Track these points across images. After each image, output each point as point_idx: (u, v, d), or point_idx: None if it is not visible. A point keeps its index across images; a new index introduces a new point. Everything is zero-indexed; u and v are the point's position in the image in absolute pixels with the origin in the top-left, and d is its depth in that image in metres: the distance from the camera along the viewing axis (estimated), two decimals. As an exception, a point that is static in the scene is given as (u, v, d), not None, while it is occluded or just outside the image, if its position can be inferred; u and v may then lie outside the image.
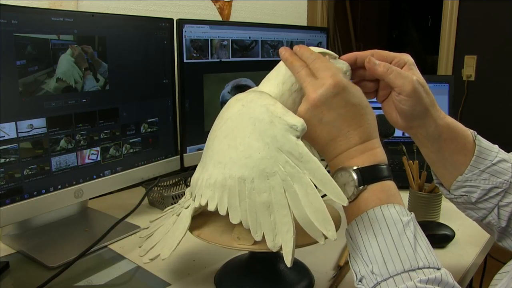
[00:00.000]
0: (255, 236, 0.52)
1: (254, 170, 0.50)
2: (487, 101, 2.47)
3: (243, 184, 0.51)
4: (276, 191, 0.50)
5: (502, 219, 0.59)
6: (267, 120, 0.51)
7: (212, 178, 0.55)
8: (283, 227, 0.50)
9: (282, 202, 0.49)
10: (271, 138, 0.50)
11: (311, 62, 0.53)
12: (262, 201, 0.50)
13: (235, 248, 0.58)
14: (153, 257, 0.63)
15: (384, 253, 0.45)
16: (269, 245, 0.51)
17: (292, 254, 0.49)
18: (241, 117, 0.54)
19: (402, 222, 0.47)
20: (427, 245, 0.47)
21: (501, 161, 0.59)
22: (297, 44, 0.57)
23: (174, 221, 0.64)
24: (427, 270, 0.44)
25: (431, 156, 0.61)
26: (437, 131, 0.58)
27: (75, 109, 0.80)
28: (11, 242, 0.82)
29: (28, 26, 0.71)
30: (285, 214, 0.49)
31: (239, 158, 0.52)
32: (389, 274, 0.44)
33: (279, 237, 0.50)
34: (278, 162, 0.49)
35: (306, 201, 0.48)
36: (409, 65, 0.56)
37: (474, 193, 0.59)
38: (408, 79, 0.54)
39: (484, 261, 1.01)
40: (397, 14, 4.30)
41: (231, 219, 0.53)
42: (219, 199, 0.54)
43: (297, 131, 0.49)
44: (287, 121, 0.49)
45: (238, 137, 0.53)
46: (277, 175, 0.49)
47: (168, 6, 1.29)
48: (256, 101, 0.54)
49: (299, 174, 0.48)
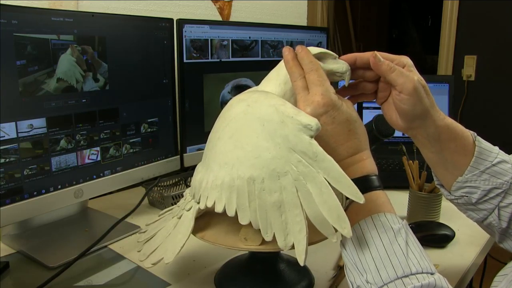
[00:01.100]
0: (265, 237, 0.52)
1: (264, 170, 0.50)
2: (487, 101, 2.47)
3: (253, 184, 0.51)
4: (287, 190, 0.50)
5: (502, 220, 0.59)
6: (277, 120, 0.51)
7: (219, 179, 0.54)
8: (295, 226, 0.50)
9: (294, 201, 0.49)
10: (282, 138, 0.50)
11: (308, 72, 0.54)
12: (272, 201, 0.50)
13: (242, 249, 0.58)
14: (155, 262, 0.62)
15: (377, 262, 0.46)
16: (280, 244, 0.51)
17: (306, 253, 0.49)
18: (246, 117, 0.53)
19: (393, 230, 0.47)
20: (419, 250, 0.47)
21: (501, 162, 0.59)
22: (297, 44, 0.57)
23: (175, 224, 0.63)
24: (421, 276, 0.44)
25: (432, 157, 0.61)
26: (437, 132, 0.58)
27: (75, 109, 0.80)
28: (11, 242, 0.82)
29: (28, 26, 0.71)
30: (297, 214, 0.50)
31: (248, 159, 0.51)
32: (383, 282, 0.45)
33: (290, 236, 0.50)
34: (290, 162, 0.49)
35: (321, 200, 0.48)
36: (409, 67, 0.57)
37: (474, 194, 0.59)
38: (410, 78, 0.55)
39: (484, 261, 1.01)
40: (397, 14, 4.30)
41: (240, 220, 0.53)
42: (227, 200, 0.53)
43: (311, 130, 0.49)
44: (300, 121, 0.49)
45: (245, 137, 0.52)
46: (288, 174, 0.49)
47: (168, 6, 1.29)
48: (263, 101, 0.53)
49: (313, 173, 0.48)
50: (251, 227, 0.53)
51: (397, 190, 1.00)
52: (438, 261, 0.76)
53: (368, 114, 1.30)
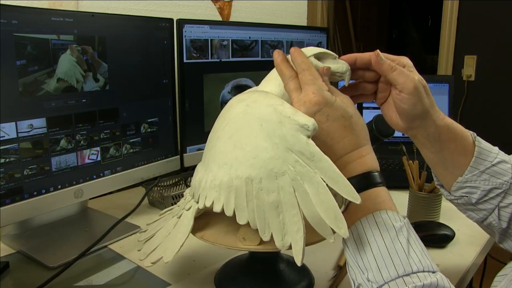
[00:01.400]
0: (263, 237, 0.52)
1: (262, 170, 0.50)
2: (487, 101, 2.47)
3: (251, 184, 0.51)
4: (285, 190, 0.50)
5: (502, 220, 0.59)
6: (275, 120, 0.51)
7: (217, 179, 0.54)
8: (293, 226, 0.50)
9: (291, 201, 0.49)
10: (280, 138, 0.50)
11: (299, 72, 0.54)
12: (270, 201, 0.50)
13: (240, 249, 0.58)
14: (155, 261, 0.62)
15: (378, 260, 0.46)
16: (277, 244, 0.51)
17: (303, 253, 0.49)
18: (246, 117, 0.53)
19: (394, 228, 0.47)
20: (421, 249, 0.47)
21: (501, 162, 0.59)
22: (297, 44, 0.57)
23: (174, 224, 0.63)
24: (422, 274, 0.44)
25: (431, 157, 0.61)
26: (437, 132, 0.58)
27: (75, 109, 0.80)
28: (11, 242, 0.82)
29: (28, 26, 0.71)
30: (294, 214, 0.49)
31: (246, 159, 0.51)
32: (384, 281, 0.45)
33: (288, 236, 0.50)
34: (288, 162, 0.49)
35: (318, 200, 0.48)
36: (408, 67, 0.57)
37: (474, 194, 0.59)
38: (410, 77, 0.55)
39: (484, 261, 1.01)
40: (397, 14, 4.30)
41: (238, 220, 0.53)
42: (226, 200, 0.53)
43: (308, 130, 0.49)
44: (297, 121, 0.49)
45: (244, 137, 0.52)
46: (286, 174, 0.49)
47: (168, 6, 1.29)
48: (262, 101, 0.54)
49: (309, 173, 0.48)
50: (250, 227, 0.53)
51: (397, 190, 1.00)
52: (438, 261, 0.75)
53: (368, 114, 1.30)
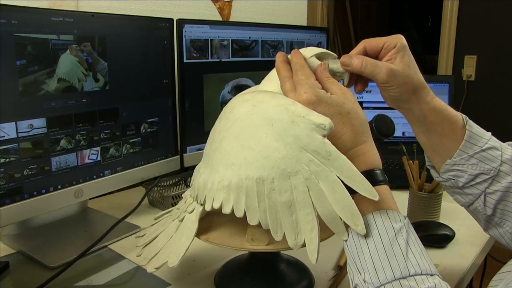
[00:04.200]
0: (275, 236, 0.52)
1: (274, 170, 0.50)
2: (487, 101, 2.47)
3: (262, 184, 0.51)
4: (298, 190, 0.50)
5: (488, 207, 0.59)
6: (287, 120, 0.50)
7: (226, 180, 0.54)
8: (307, 225, 0.50)
9: (305, 200, 0.49)
10: (293, 137, 0.50)
11: (294, 72, 0.54)
12: (283, 201, 0.50)
13: (249, 250, 0.58)
14: (159, 266, 0.60)
15: (375, 262, 0.46)
16: (290, 244, 0.51)
17: (318, 251, 0.49)
18: (252, 117, 0.53)
19: (393, 229, 0.47)
20: (420, 251, 0.46)
21: (491, 148, 0.58)
22: (297, 44, 0.57)
23: (176, 227, 0.62)
24: (419, 278, 0.44)
25: (421, 136, 0.62)
26: (422, 114, 0.58)
27: (75, 109, 0.80)
28: (11, 242, 0.82)
29: (28, 26, 0.71)
30: (308, 213, 0.50)
31: (256, 159, 0.51)
32: (380, 283, 0.45)
33: (301, 235, 0.50)
34: (301, 161, 0.49)
35: (334, 199, 0.48)
36: (398, 48, 0.56)
37: (461, 177, 0.59)
38: (383, 68, 0.55)
39: (484, 261, 1.00)
40: (397, 14, 4.30)
41: (249, 221, 0.53)
42: (236, 201, 0.53)
43: (324, 130, 0.49)
44: (313, 120, 0.49)
45: (252, 137, 0.52)
46: (299, 174, 0.49)
47: (168, 6, 1.29)
48: (269, 101, 0.53)
49: (325, 172, 0.48)
50: (258, 227, 0.53)
51: (397, 190, 1.00)
52: (438, 261, 0.76)
53: (368, 114, 1.29)
